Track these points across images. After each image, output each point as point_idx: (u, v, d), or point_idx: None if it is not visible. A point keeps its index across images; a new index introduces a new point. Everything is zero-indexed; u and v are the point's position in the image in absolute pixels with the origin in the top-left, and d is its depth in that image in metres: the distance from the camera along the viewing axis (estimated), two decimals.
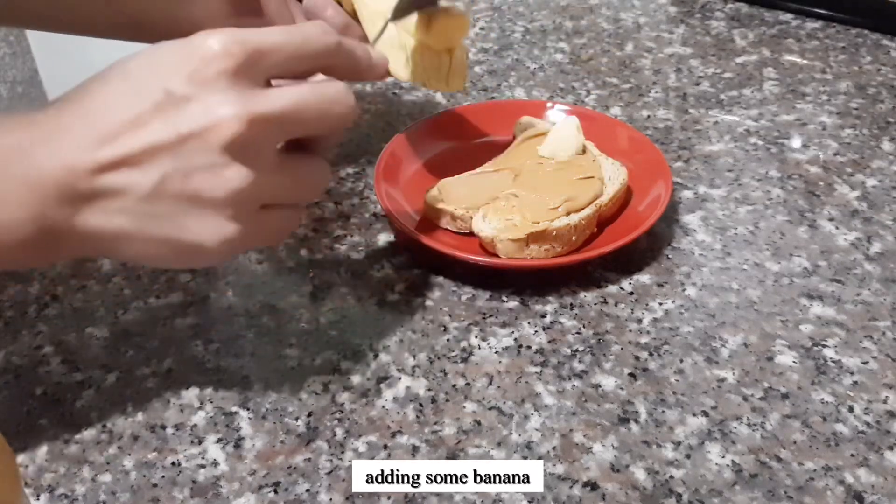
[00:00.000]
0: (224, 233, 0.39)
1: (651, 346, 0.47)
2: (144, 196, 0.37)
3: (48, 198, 0.37)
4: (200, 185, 0.37)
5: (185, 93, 0.37)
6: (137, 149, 0.37)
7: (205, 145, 0.37)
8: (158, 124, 0.37)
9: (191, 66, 0.37)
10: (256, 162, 0.38)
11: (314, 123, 0.40)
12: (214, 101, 0.37)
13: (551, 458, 0.42)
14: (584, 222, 0.52)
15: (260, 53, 0.38)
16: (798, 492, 0.40)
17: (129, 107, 0.37)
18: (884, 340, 0.47)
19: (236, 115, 0.36)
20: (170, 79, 0.37)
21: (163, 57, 0.38)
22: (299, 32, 0.40)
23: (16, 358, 0.48)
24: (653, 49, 0.77)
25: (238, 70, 0.37)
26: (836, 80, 0.71)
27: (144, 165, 0.37)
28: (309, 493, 0.40)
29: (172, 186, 0.37)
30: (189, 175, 0.37)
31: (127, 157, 0.37)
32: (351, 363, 0.47)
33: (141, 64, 0.38)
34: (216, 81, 0.37)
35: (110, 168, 0.37)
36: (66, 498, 0.41)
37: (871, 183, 0.59)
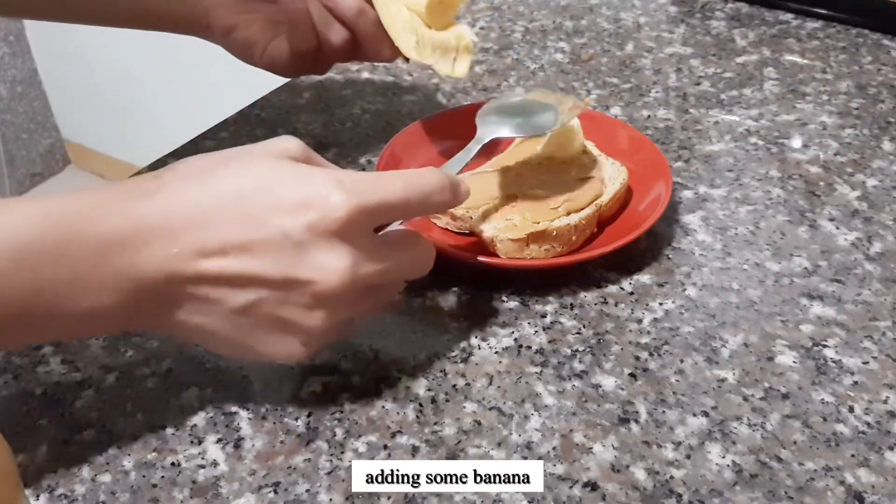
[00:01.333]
0: (297, 353, 0.41)
1: (651, 347, 0.47)
2: (235, 310, 0.39)
3: (142, 293, 0.38)
4: (289, 318, 0.40)
5: (301, 240, 0.38)
6: (240, 272, 0.39)
7: (306, 290, 0.39)
8: (268, 260, 0.38)
9: (311, 215, 0.38)
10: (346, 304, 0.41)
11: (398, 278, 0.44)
12: (327, 258, 0.39)
13: (551, 458, 0.41)
14: (584, 222, 0.52)
15: (379, 213, 0.41)
16: (798, 492, 0.40)
17: (242, 231, 0.39)
18: (884, 340, 0.47)
19: (341, 276, 0.39)
20: (288, 221, 0.38)
21: (285, 195, 0.39)
22: (420, 188, 0.42)
23: (15, 358, 0.48)
24: (653, 49, 0.77)
25: (357, 225, 0.39)
26: (836, 80, 0.71)
27: (244, 287, 0.39)
28: (309, 494, 0.40)
29: (264, 310, 0.39)
30: (282, 306, 0.39)
31: (229, 277, 0.39)
32: (351, 363, 0.47)
33: (261, 193, 0.39)
34: (332, 237, 0.39)
35: (209, 282, 0.39)
36: (65, 498, 0.41)
37: (871, 183, 0.59)
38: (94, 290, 0.38)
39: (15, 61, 2.06)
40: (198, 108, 1.47)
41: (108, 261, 0.37)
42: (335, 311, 0.40)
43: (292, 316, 0.40)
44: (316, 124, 0.68)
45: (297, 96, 0.72)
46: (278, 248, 0.38)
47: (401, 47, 0.54)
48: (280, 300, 0.39)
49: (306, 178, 0.40)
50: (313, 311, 0.40)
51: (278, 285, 0.39)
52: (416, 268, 0.44)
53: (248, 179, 0.40)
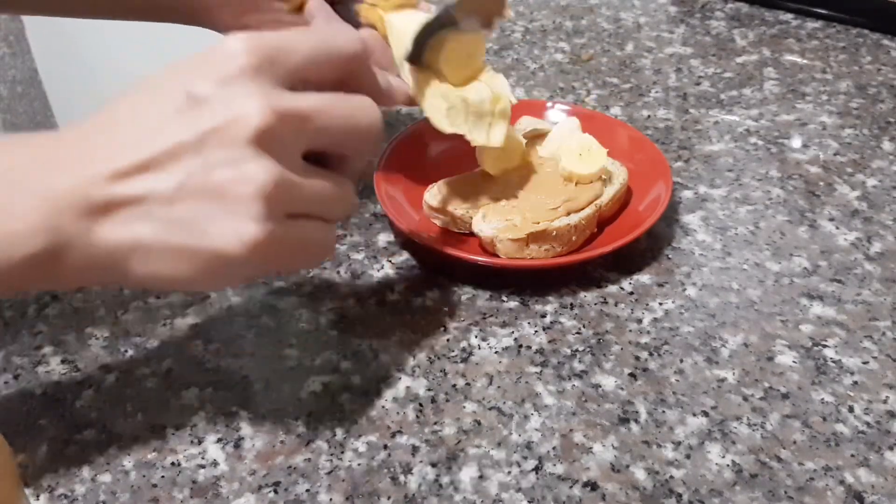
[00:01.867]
0: (249, 234, 0.35)
1: (651, 346, 0.47)
2: (166, 199, 0.35)
3: (63, 208, 0.35)
4: (224, 181, 0.35)
5: (206, 93, 0.35)
6: (158, 152, 0.35)
7: (227, 139, 0.35)
8: (180, 126, 0.35)
9: (212, 67, 0.36)
10: (282, 158, 0.36)
11: (339, 132, 0.38)
12: (236, 94, 0.35)
13: (551, 458, 0.42)
14: (584, 222, 0.52)
15: (282, 52, 0.37)
16: (798, 492, 0.40)
17: (150, 114, 0.36)
18: (884, 340, 0.47)
19: (259, 108, 0.35)
20: (191, 82, 0.36)
21: (185, 64, 0.37)
22: (324, 35, 0.39)
23: (16, 358, 0.48)
24: (653, 49, 0.77)
25: (260, 67, 0.36)
26: (836, 80, 0.71)
27: (166, 167, 0.35)
28: (309, 494, 0.40)
29: (195, 185, 0.35)
30: (212, 171, 0.35)
31: (147, 162, 0.35)
32: (351, 363, 0.47)
33: (163, 74, 0.37)
34: (238, 78, 0.35)
35: (130, 174, 0.35)
36: (65, 498, 0.41)
37: (871, 183, 0.59)
38: (11, 215, 0.35)
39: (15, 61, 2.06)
40: None
41: (23, 184, 0.35)
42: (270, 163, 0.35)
43: (226, 179, 0.35)
44: None
45: None
46: (187, 110, 0.35)
47: (431, 117, 0.50)
48: (208, 164, 0.35)
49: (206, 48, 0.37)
50: (248, 163, 0.35)
51: (198, 146, 0.35)
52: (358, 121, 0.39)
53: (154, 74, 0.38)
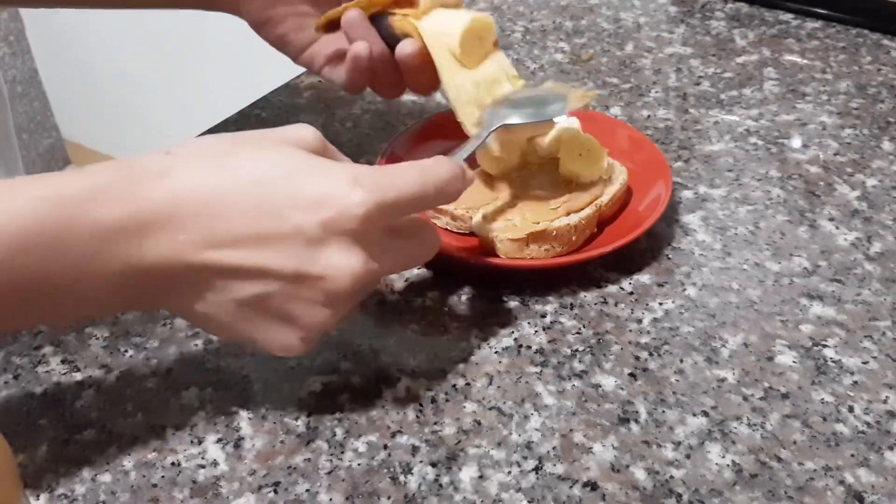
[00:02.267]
0: (291, 348, 0.40)
1: (651, 346, 0.47)
2: (240, 301, 0.39)
3: (145, 286, 0.38)
4: (296, 311, 0.39)
5: (315, 237, 0.38)
6: (251, 265, 0.38)
7: (316, 287, 0.38)
8: (280, 254, 0.38)
9: (328, 213, 0.38)
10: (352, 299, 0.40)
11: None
12: (340, 256, 0.38)
13: (551, 458, 0.42)
14: (584, 222, 0.52)
15: (395, 209, 0.40)
16: (798, 492, 0.40)
17: (254, 222, 0.38)
18: (884, 340, 0.47)
19: (353, 276, 0.39)
20: (304, 217, 0.38)
21: (302, 188, 0.39)
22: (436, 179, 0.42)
23: (15, 358, 0.48)
24: (653, 49, 0.77)
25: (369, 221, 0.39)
26: (836, 80, 0.71)
27: (252, 280, 0.38)
28: (309, 493, 0.40)
29: (271, 303, 0.39)
30: (290, 302, 0.39)
31: (238, 269, 0.38)
32: (351, 363, 0.47)
33: (276, 184, 0.39)
34: (346, 237, 0.38)
35: (217, 272, 0.38)
36: (65, 498, 0.41)
37: (871, 183, 0.59)
38: (93, 278, 0.37)
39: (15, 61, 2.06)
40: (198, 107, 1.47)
41: (109, 248, 0.36)
42: (341, 308, 0.40)
43: (298, 311, 0.39)
44: (316, 124, 0.66)
45: (297, 96, 0.72)
46: (292, 243, 0.38)
47: (463, 121, 0.53)
48: (289, 295, 0.39)
49: (323, 173, 0.39)
50: (320, 307, 0.39)
51: (288, 280, 0.38)
52: (423, 256, 0.44)
53: (263, 167, 0.39)
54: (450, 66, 0.52)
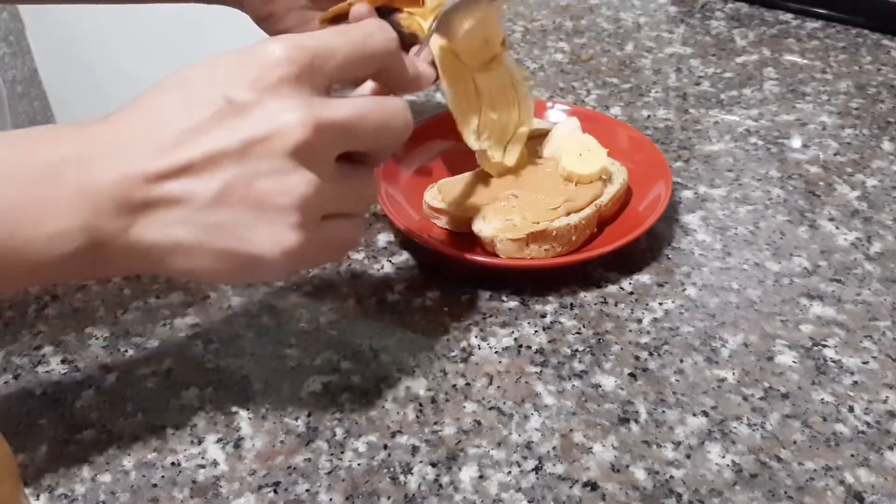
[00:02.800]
0: (287, 242, 0.37)
1: (651, 346, 0.47)
2: (206, 204, 0.36)
3: (102, 208, 0.36)
4: (265, 192, 0.36)
5: (247, 100, 0.36)
6: (199, 156, 0.36)
7: (269, 151, 0.36)
8: (220, 132, 0.36)
9: (252, 73, 0.36)
10: (319, 169, 0.37)
11: (373, 136, 0.39)
12: (278, 106, 0.36)
13: (551, 458, 0.42)
14: (584, 222, 0.52)
15: (321, 58, 0.37)
16: (798, 492, 0.40)
17: (188, 115, 0.36)
18: (884, 340, 0.47)
19: (301, 121, 0.36)
20: (231, 86, 0.36)
21: (222, 65, 0.37)
22: (360, 32, 0.39)
23: (16, 358, 0.48)
24: (653, 49, 0.77)
25: (300, 76, 0.36)
26: (836, 80, 0.71)
27: (207, 172, 0.36)
28: (309, 493, 0.40)
29: (236, 193, 0.36)
30: (253, 181, 0.36)
31: (188, 165, 0.36)
32: (351, 363, 0.47)
33: (199, 73, 0.37)
34: (279, 87, 0.36)
35: (170, 176, 0.36)
36: (65, 498, 0.41)
37: (871, 183, 0.59)
38: (51, 213, 0.35)
39: (15, 61, 2.06)
40: None
41: (62, 180, 0.35)
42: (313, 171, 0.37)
43: (268, 190, 0.36)
44: None
45: None
46: (227, 115, 0.36)
47: (462, 131, 0.52)
48: (249, 175, 0.36)
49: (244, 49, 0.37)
50: (289, 176, 0.36)
51: (240, 155, 0.36)
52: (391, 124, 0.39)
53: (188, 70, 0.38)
54: (452, 72, 0.51)
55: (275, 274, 0.39)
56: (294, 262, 0.38)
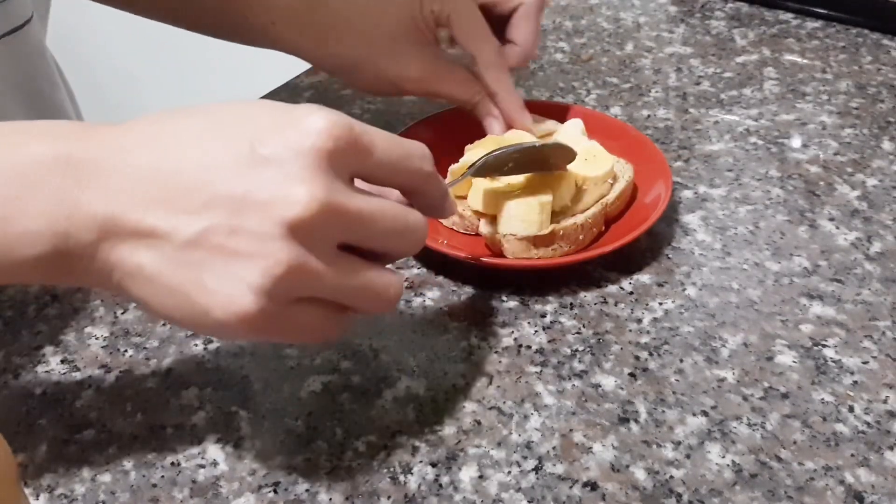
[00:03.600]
0: (241, 306, 0.34)
1: (651, 346, 0.47)
2: (183, 241, 0.34)
3: (79, 224, 0.34)
4: (241, 250, 0.34)
5: (270, 156, 0.34)
6: (199, 196, 0.34)
7: (266, 213, 0.34)
8: (230, 177, 0.34)
9: (288, 132, 0.34)
10: (313, 248, 0.35)
11: (382, 239, 0.37)
12: (296, 175, 0.34)
13: (551, 458, 0.41)
14: (591, 221, 0.52)
15: (362, 148, 0.36)
16: (798, 492, 0.40)
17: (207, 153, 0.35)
18: (884, 340, 0.47)
19: (311, 197, 0.33)
20: (262, 139, 0.34)
21: (260, 113, 0.36)
22: (404, 146, 0.38)
23: (15, 357, 0.48)
24: (653, 48, 0.77)
25: (332, 154, 0.34)
26: (836, 80, 0.71)
27: (196, 212, 0.34)
28: (308, 493, 0.40)
29: (214, 239, 0.34)
30: (235, 235, 0.34)
31: (183, 201, 0.34)
32: (351, 363, 0.47)
33: (233, 116, 0.36)
34: (306, 157, 0.34)
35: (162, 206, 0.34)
36: (65, 498, 0.41)
37: (871, 182, 0.59)
38: (25, 215, 0.34)
39: None
40: None
41: (44, 184, 0.34)
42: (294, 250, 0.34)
43: (243, 246, 0.34)
44: None
45: (298, 96, 0.72)
46: (244, 164, 0.34)
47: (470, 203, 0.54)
48: (234, 226, 0.34)
49: (289, 105, 0.36)
50: (273, 241, 0.33)
51: (237, 205, 0.34)
52: (404, 236, 0.38)
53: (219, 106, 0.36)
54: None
55: (222, 334, 0.37)
56: (246, 329, 0.35)
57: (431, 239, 0.52)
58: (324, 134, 0.34)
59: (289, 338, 0.39)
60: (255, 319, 0.34)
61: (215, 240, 0.34)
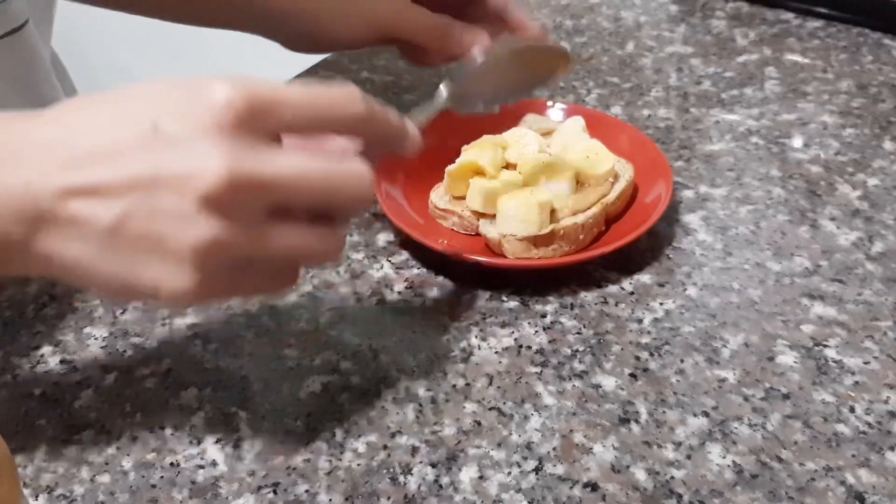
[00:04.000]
0: (180, 283, 0.35)
1: (652, 347, 0.47)
2: (104, 230, 0.34)
3: (5, 213, 0.34)
4: (164, 231, 0.34)
5: (173, 132, 0.34)
6: (107, 180, 0.34)
7: (179, 192, 0.34)
8: (137, 158, 0.34)
9: (188, 107, 0.34)
10: (235, 220, 0.35)
11: (318, 199, 0.37)
12: (202, 150, 0.34)
13: (551, 458, 0.41)
14: (592, 221, 0.51)
15: (268, 110, 0.35)
16: (799, 492, 0.39)
17: (111, 132, 0.35)
18: (885, 340, 0.47)
19: (219, 169, 0.33)
20: (163, 115, 0.34)
21: (161, 91, 0.36)
22: (326, 94, 0.37)
23: (14, 358, 0.48)
24: (654, 48, 0.77)
25: (238, 124, 0.34)
26: (837, 80, 0.71)
27: (113, 197, 0.34)
28: (308, 494, 0.40)
29: (135, 225, 0.34)
30: (154, 217, 0.34)
31: (95, 187, 0.34)
32: (351, 363, 0.47)
33: (137, 93, 0.36)
34: (211, 130, 0.34)
35: (76, 194, 0.34)
36: (64, 498, 0.40)
37: (872, 182, 0.59)
38: None
39: None
40: None
41: None
42: (224, 221, 0.34)
43: (167, 231, 0.34)
44: None
45: None
46: (150, 144, 0.34)
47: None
48: (151, 209, 0.34)
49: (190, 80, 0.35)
50: (192, 222, 0.34)
51: (150, 187, 0.34)
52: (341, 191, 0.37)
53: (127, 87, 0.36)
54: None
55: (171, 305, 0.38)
56: (195, 300, 0.37)
57: (431, 239, 0.52)
58: (223, 104, 0.34)
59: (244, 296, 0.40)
60: (198, 291, 0.35)
61: (137, 223, 0.34)
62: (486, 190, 0.52)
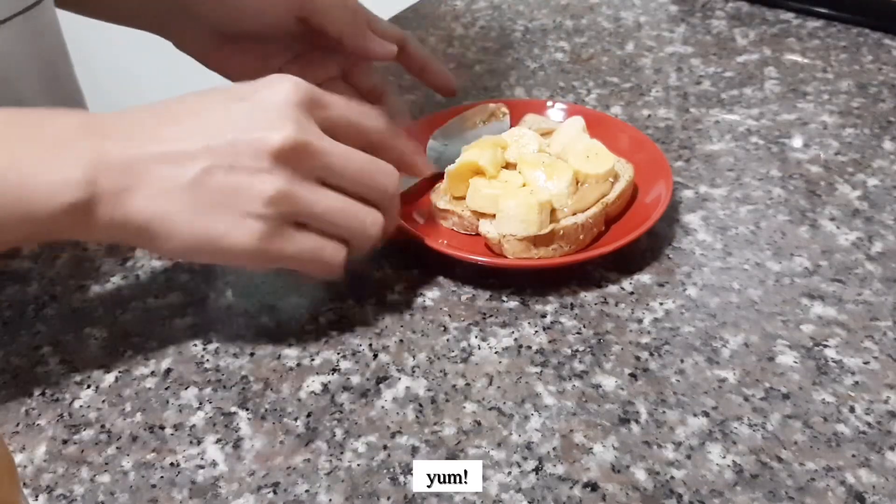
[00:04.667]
0: (248, 233, 0.42)
1: (652, 347, 0.47)
2: (187, 182, 0.41)
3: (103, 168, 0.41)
4: (241, 182, 0.42)
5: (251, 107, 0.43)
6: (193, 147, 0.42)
7: (254, 151, 0.42)
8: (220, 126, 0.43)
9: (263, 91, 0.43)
10: (297, 175, 0.43)
11: (354, 181, 0.45)
12: (274, 119, 0.42)
13: (551, 458, 0.41)
14: (592, 221, 0.51)
15: (321, 103, 0.44)
16: (799, 492, 0.39)
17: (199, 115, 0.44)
18: (885, 340, 0.47)
19: (290, 132, 0.42)
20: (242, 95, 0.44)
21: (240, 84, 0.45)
22: (361, 107, 0.47)
23: (14, 358, 0.48)
24: (653, 48, 0.77)
25: (301, 105, 0.43)
26: (837, 80, 0.71)
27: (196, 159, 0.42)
28: (308, 494, 0.40)
29: (215, 179, 0.42)
30: (232, 172, 0.42)
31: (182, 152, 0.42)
32: (351, 363, 0.47)
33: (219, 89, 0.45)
34: (280, 105, 0.43)
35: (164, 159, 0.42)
36: (64, 498, 0.40)
37: (872, 182, 0.59)
38: (59, 162, 0.40)
39: None
40: None
41: (72, 141, 0.41)
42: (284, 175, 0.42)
43: (243, 182, 0.42)
44: None
45: None
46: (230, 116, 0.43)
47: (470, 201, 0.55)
48: (230, 165, 0.42)
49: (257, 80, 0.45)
50: (262, 172, 0.42)
51: (228, 149, 0.42)
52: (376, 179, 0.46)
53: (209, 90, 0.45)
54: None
55: (242, 260, 0.44)
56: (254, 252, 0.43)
57: (431, 239, 0.52)
58: (291, 89, 0.43)
59: (293, 263, 0.45)
60: (264, 244, 0.43)
61: (217, 178, 0.42)
62: (486, 190, 0.52)
